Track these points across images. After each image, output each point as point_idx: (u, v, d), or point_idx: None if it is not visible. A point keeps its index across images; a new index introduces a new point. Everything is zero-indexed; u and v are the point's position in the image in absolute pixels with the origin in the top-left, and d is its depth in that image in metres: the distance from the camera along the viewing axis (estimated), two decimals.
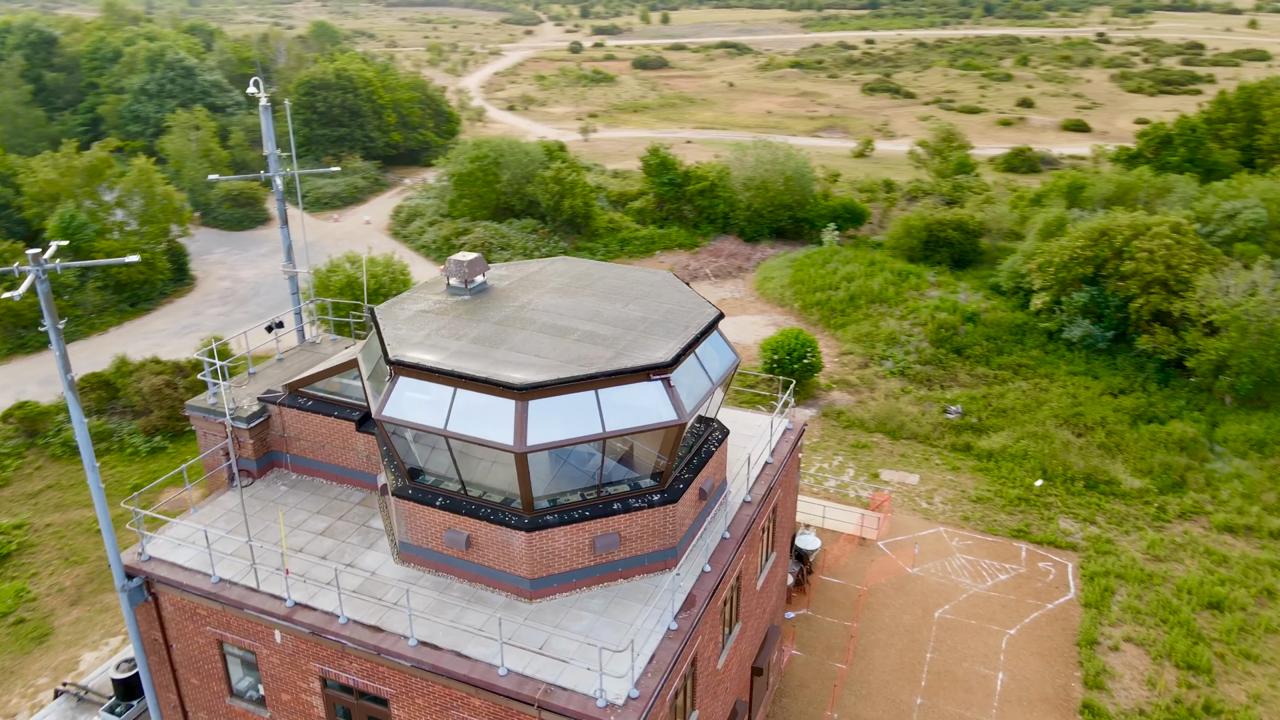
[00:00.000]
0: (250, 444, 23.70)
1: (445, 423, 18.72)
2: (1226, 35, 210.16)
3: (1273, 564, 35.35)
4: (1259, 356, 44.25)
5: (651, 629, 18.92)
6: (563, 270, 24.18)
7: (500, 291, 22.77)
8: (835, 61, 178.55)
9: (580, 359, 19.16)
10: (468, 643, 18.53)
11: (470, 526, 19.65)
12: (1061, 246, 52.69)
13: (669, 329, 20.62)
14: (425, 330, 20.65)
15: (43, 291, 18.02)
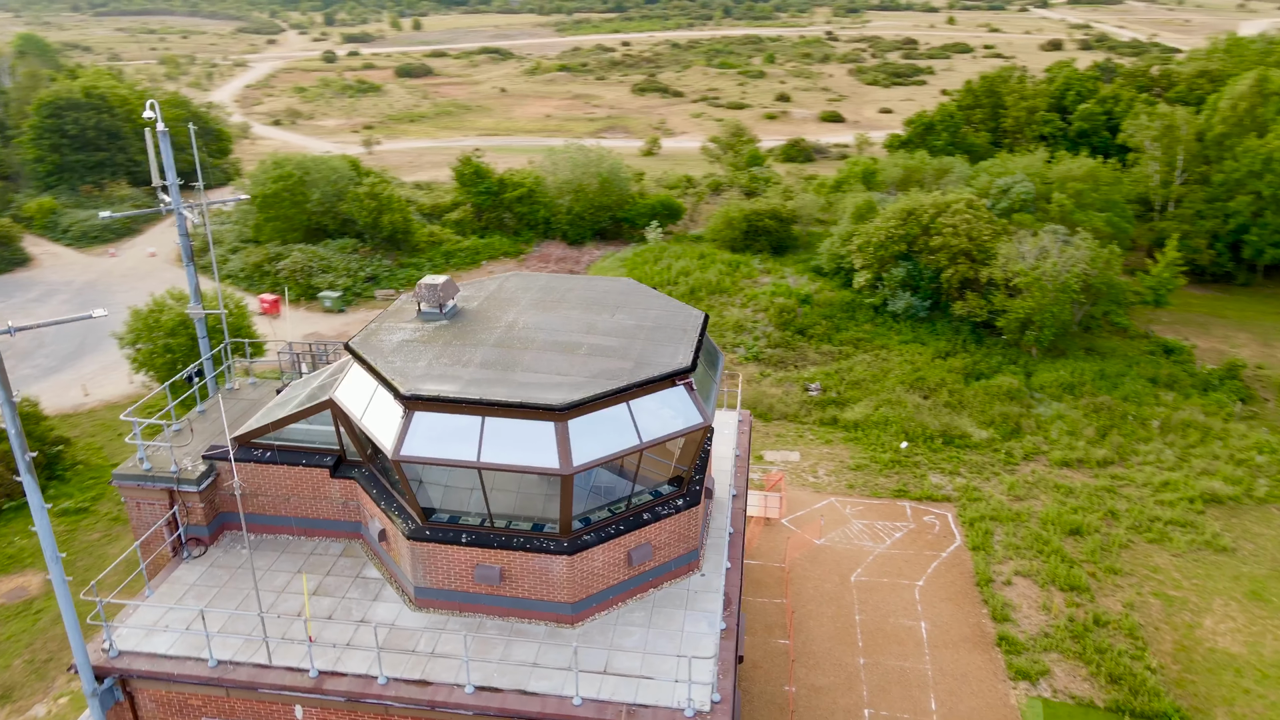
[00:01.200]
0: (200, 508, 21.25)
1: (477, 454, 17.85)
2: (932, 31, 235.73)
3: (1108, 489, 40.78)
4: (1057, 311, 50.64)
5: (703, 631, 19.09)
6: (525, 285, 23.57)
7: (476, 313, 21.87)
8: (599, 64, 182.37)
9: (604, 373, 18.92)
10: (528, 679, 17.83)
11: (503, 559, 18.87)
12: (876, 227, 57.40)
13: (669, 333, 20.78)
14: (422, 361, 19.51)
15: None
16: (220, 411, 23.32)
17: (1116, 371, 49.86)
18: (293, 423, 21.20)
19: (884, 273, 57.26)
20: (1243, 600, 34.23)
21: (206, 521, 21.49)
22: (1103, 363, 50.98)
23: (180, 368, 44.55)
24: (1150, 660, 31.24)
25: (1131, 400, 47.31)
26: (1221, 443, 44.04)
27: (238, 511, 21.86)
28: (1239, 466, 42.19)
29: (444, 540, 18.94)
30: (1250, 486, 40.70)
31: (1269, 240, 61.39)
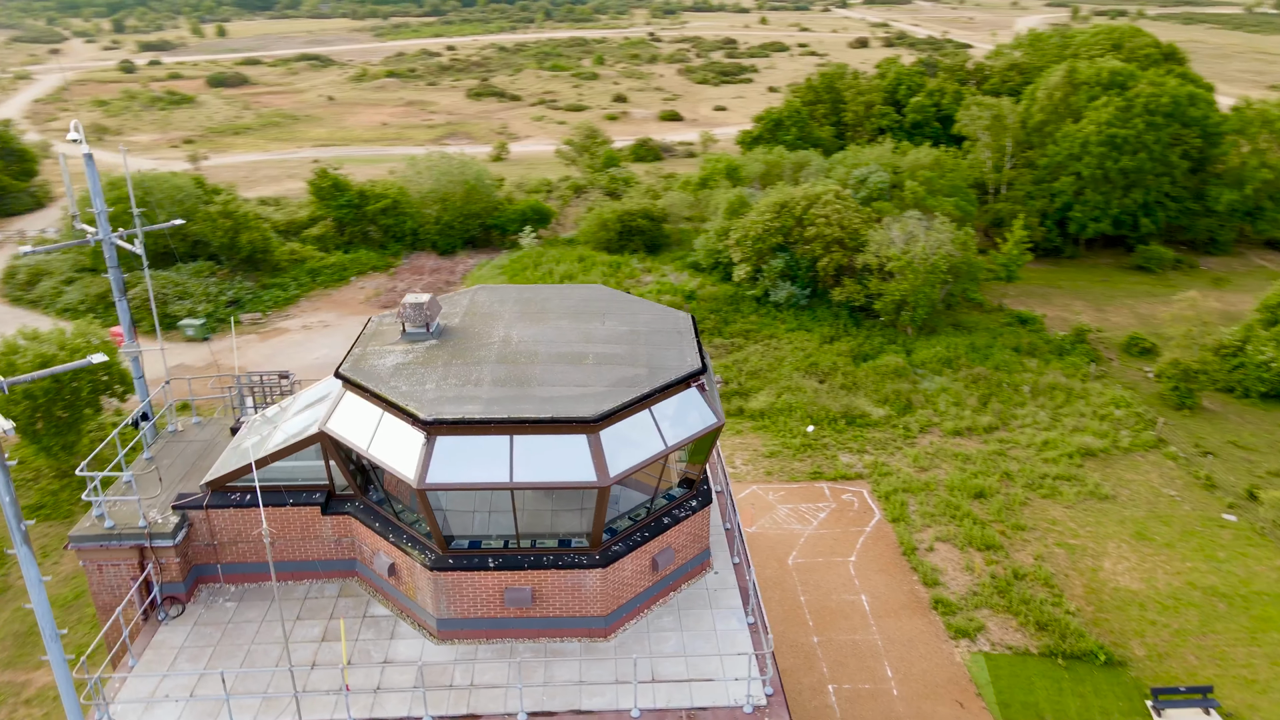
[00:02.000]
0: (176, 564, 19.48)
1: (509, 474, 17.36)
2: (748, 31, 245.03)
3: (999, 453, 44.06)
4: (929, 292, 54.12)
5: (734, 628, 19.37)
6: (500, 298, 22.97)
7: (463, 330, 21.14)
8: (428, 69, 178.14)
9: (624, 381, 18.80)
10: (580, 698, 17.53)
11: (534, 579, 18.42)
12: (752, 221, 59.33)
13: (667, 336, 20.87)
14: (429, 383, 18.70)
15: None
16: (181, 457, 21.42)
17: (985, 344, 53.86)
18: (277, 460, 19.77)
19: (763, 265, 59.25)
20: (1131, 541, 37.93)
21: (182, 577, 19.72)
22: (971, 336, 54.95)
23: (41, 416, 40.34)
24: (1068, 605, 34.09)
25: (1002, 369, 51.26)
26: (1084, 401, 48.50)
27: (214, 563, 20.19)
28: (1102, 421, 46.61)
29: (470, 567, 18.27)
30: (1115, 439, 45.06)
31: (1090, 216, 67.93)
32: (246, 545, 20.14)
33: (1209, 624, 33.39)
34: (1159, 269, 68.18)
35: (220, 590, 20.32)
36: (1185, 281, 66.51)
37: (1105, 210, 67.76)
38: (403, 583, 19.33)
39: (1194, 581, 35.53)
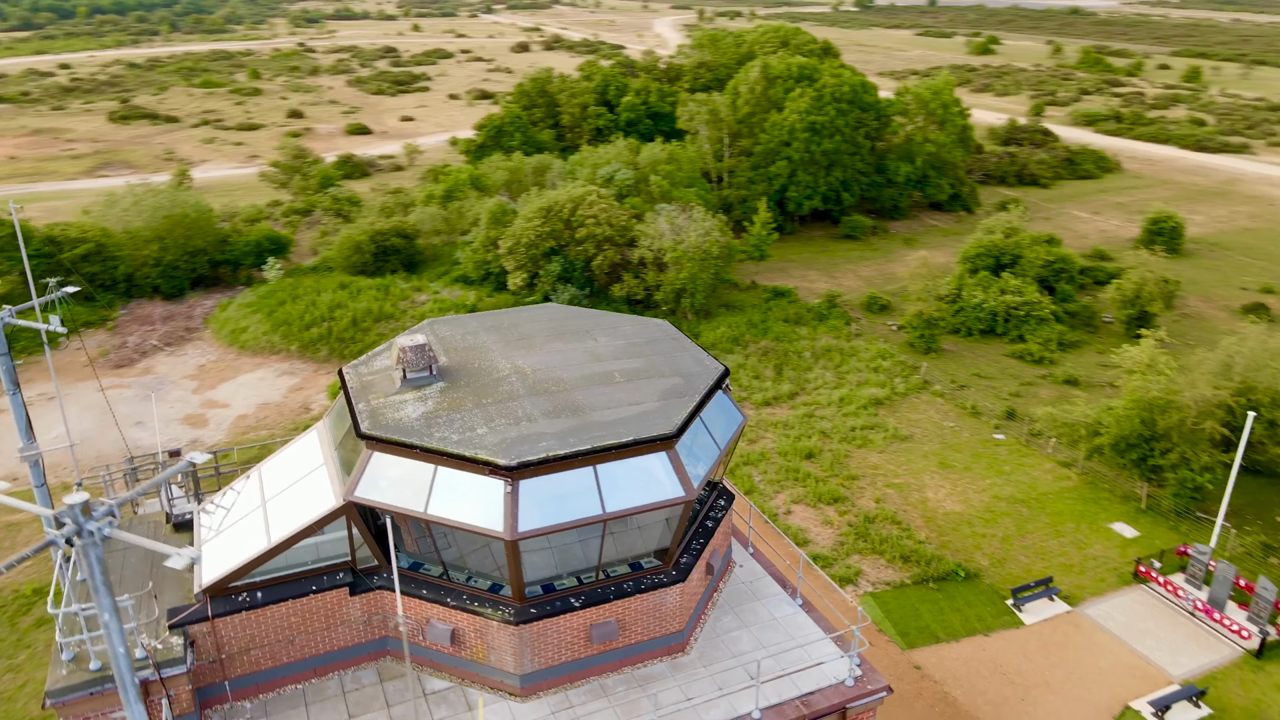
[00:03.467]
0: (188, 691, 16.32)
1: (601, 506, 16.75)
2: (404, 39, 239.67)
3: (808, 415, 48.33)
4: (705, 278, 57.61)
5: (790, 614, 20.15)
6: (466, 328, 21.53)
7: (462, 367, 19.62)
8: (46, 91, 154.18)
9: (670, 392, 18.71)
10: (703, 716, 17.38)
11: (619, 609, 17.86)
12: (522, 228, 59.23)
13: (669, 345, 20.97)
14: (479, 428, 17.30)
15: None
16: (128, 568, 17.77)
17: (760, 319, 58.48)
18: (291, 546, 17.16)
19: (539, 270, 59.43)
20: (939, 471, 43.65)
21: (194, 706, 16.52)
22: (745, 315, 59.35)
23: None
24: (916, 536, 38.63)
25: (783, 339, 56.06)
26: (855, 358, 54.54)
27: (220, 680, 17.14)
28: (876, 373, 52.79)
29: (555, 613, 17.28)
30: (893, 386, 51.30)
31: (804, 195, 75.85)
32: (260, 651, 17.23)
33: (1023, 527, 39.54)
34: (862, 236, 77.86)
35: (235, 711, 17.21)
36: (884, 245, 76.70)
37: (815, 189, 76.03)
38: (468, 648, 17.70)
39: (997, 495, 41.79)
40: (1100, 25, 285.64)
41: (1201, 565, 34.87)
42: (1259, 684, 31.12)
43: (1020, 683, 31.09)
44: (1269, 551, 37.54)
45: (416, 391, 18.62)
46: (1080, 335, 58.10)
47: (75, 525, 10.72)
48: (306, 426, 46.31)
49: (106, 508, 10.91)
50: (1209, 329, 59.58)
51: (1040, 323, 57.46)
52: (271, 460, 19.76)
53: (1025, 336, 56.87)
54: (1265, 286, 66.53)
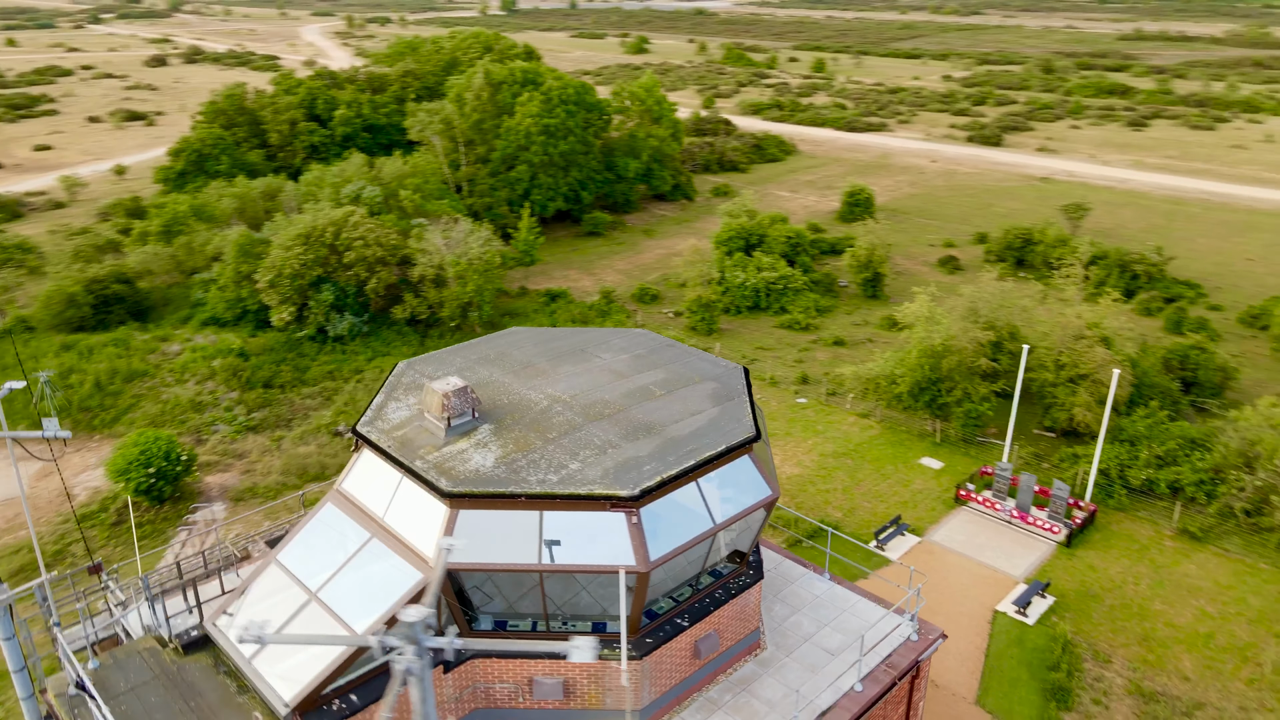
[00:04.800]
0: None
1: (711, 519, 16.71)
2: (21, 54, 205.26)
3: None
4: (489, 289, 56.58)
5: (827, 588, 21.24)
6: (460, 364, 19.93)
7: (497, 404, 18.24)
8: None
9: (716, 396, 18.86)
10: (818, 699, 17.94)
11: (718, 620, 17.86)
12: (282, 258, 54.29)
13: (675, 352, 21.02)
14: (572, 463, 16.36)
15: None
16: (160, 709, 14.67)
17: (551, 323, 58.57)
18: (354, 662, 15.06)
19: (308, 301, 54.88)
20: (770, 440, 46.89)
21: None
22: (533, 320, 59.14)
23: None
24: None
25: None
26: None
27: None
28: None
29: (667, 638, 16.89)
30: None
31: (547, 197, 76.72)
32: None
33: (854, 477, 43.82)
34: (605, 232, 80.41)
35: None
36: (627, 238, 79.86)
37: (557, 190, 77.20)
38: (580, 696, 16.65)
39: (823, 452, 45.87)
40: (725, 24, 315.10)
41: (1005, 480, 41.00)
42: (1077, 567, 37.43)
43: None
44: (1039, 459, 44.96)
45: (467, 438, 17.05)
46: (828, 301, 64.86)
47: (416, 646, 8.91)
48: (86, 516, 39.39)
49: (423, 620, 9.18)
50: (920, 282, 69.16)
51: (797, 294, 63.33)
52: (289, 548, 16.96)
53: (787, 308, 62.38)
54: (946, 242, 78.32)
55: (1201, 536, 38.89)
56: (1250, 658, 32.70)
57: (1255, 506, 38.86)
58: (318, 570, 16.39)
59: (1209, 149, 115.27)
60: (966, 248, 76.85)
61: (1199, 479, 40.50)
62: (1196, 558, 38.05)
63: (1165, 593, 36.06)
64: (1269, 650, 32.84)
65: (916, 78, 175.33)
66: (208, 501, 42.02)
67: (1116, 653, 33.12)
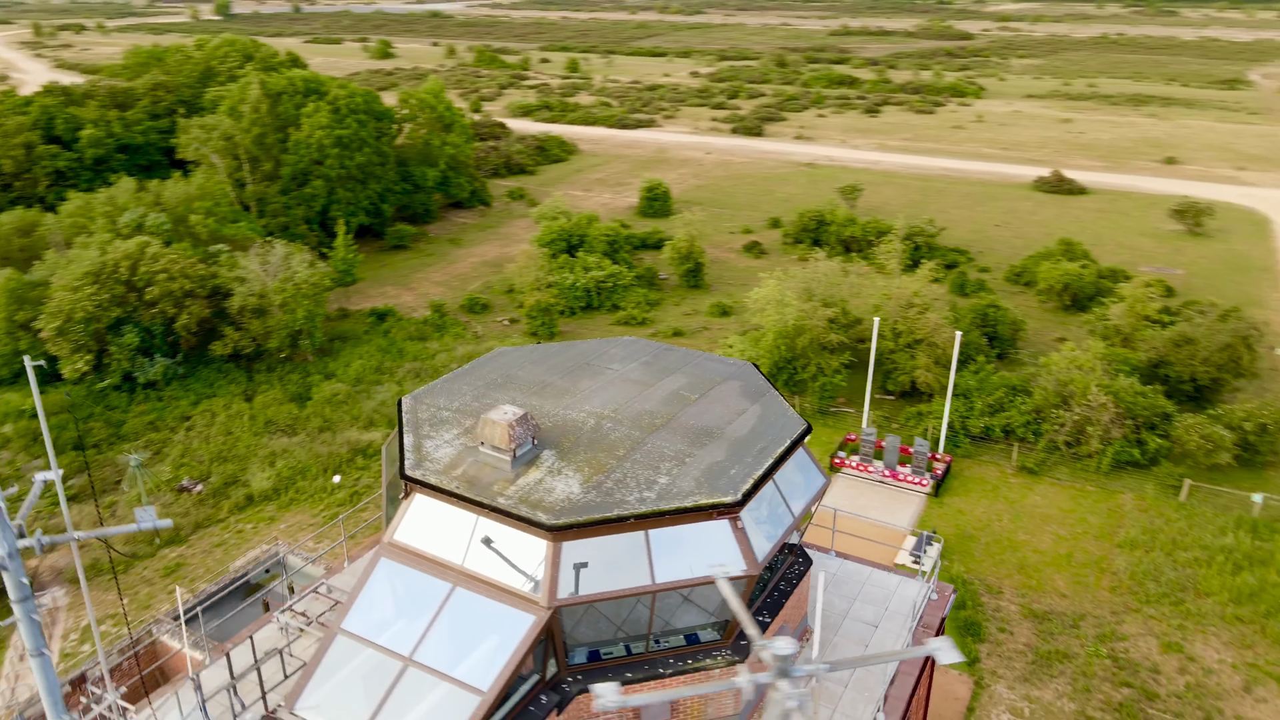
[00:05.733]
0: None
1: (791, 513, 17.08)
2: None
3: None
4: (320, 314, 52.95)
5: (840, 564, 22.24)
6: (470, 392, 18.81)
7: (546, 432, 17.43)
8: None
9: (748, 393, 19.14)
10: (887, 669, 18.78)
11: (786, 613, 18.27)
12: (71, 301, 47.78)
13: (678, 357, 21.09)
14: (661, 479, 16.05)
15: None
16: None
17: (388, 344, 55.73)
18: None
19: (107, 346, 48.73)
20: None
21: None
22: (366, 343, 55.94)
23: None
24: None
25: (422, 358, 54.36)
26: None
27: None
28: None
29: None
30: None
31: (348, 212, 72.67)
32: None
33: None
34: (411, 244, 77.46)
35: None
36: (435, 249, 77.42)
37: (358, 204, 73.33)
38: (684, 711, 16.34)
39: None
40: (465, 27, 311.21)
41: (870, 444, 44.28)
42: (948, 513, 41.27)
43: None
44: (889, 420, 48.91)
45: (536, 467, 16.13)
46: (656, 294, 66.50)
47: (789, 679, 8.49)
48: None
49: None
50: (732, 268, 72.65)
51: (626, 290, 64.41)
52: (353, 615, 15.18)
53: (620, 304, 63.30)
54: (744, 228, 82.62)
55: (1037, 470, 44.13)
56: (1106, 569, 37.68)
57: (1074, 438, 44.63)
58: (401, 633, 14.90)
59: (935, 130, 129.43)
60: (763, 232, 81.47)
61: (1025, 420, 45.89)
62: (1038, 489, 43.17)
63: (1024, 524, 40.64)
64: (1118, 560, 38.00)
65: (667, 75, 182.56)
66: (41, 589, 36.41)
67: (1003, 583, 36.96)
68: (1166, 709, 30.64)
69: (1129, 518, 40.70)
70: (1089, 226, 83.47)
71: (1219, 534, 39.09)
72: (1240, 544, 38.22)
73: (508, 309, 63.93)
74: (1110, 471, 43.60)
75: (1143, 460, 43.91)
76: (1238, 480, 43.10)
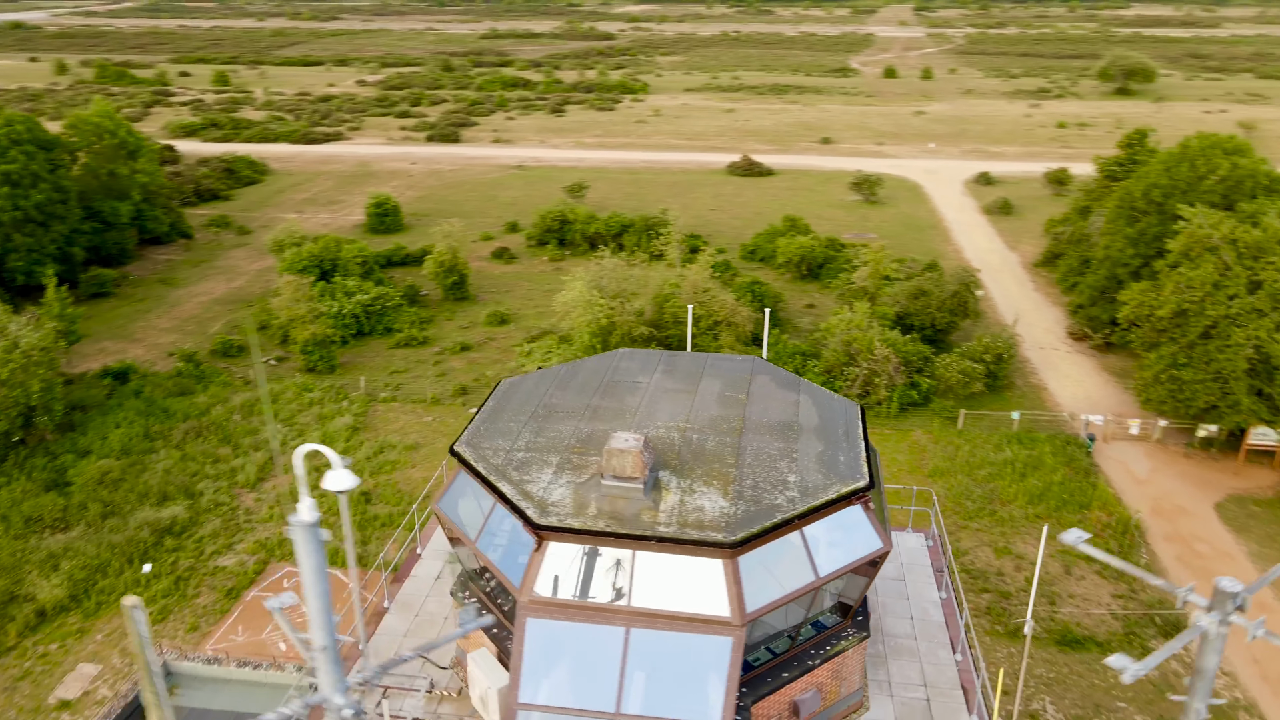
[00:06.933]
0: None
1: (872, 479, 18.18)
2: None
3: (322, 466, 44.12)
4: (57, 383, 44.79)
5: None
6: (528, 408, 17.58)
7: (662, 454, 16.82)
8: None
9: (787, 383, 19.84)
10: (935, 612, 20.47)
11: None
12: None
13: (698, 362, 21.16)
14: (789, 477, 16.32)
15: None
16: None
17: (147, 406, 48.42)
18: None
19: None
20: None
21: None
22: (116, 411, 48.21)
23: None
24: None
25: (193, 415, 47.98)
26: (281, 403, 50.45)
27: None
28: (317, 406, 50.11)
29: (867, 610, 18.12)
30: (349, 410, 49.76)
31: (31, 261, 61.47)
32: None
33: None
34: (115, 289, 67.42)
35: None
36: (146, 292, 68.07)
37: (43, 251, 62.37)
38: (827, 693, 16.73)
39: None
40: (63, 38, 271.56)
41: None
42: None
43: None
44: None
45: (667, 491, 15.50)
46: (426, 312, 63.89)
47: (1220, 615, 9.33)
48: None
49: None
50: (489, 276, 71.72)
51: (396, 310, 61.29)
52: (526, 687, 13.58)
53: (392, 327, 60.12)
54: (484, 235, 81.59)
55: None
56: (926, 499, 43.02)
57: (864, 390, 50.14)
58: (592, 690, 13.72)
59: (622, 126, 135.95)
60: (504, 237, 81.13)
61: (821, 381, 50.70)
62: None
63: None
64: (974, 492, 43.09)
65: (332, 84, 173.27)
66: None
67: None
68: (1021, 603, 35.93)
69: (928, 451, 46.66)
70: (787, 203, 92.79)
71: (997, 450, 46.15)
72: (1017, 455, 45.46)
73: (268, 348, 58.10)
74: (899, 414, 49.59)
75: (919, 399, 50.42)
76: (990, 404, 51.05)
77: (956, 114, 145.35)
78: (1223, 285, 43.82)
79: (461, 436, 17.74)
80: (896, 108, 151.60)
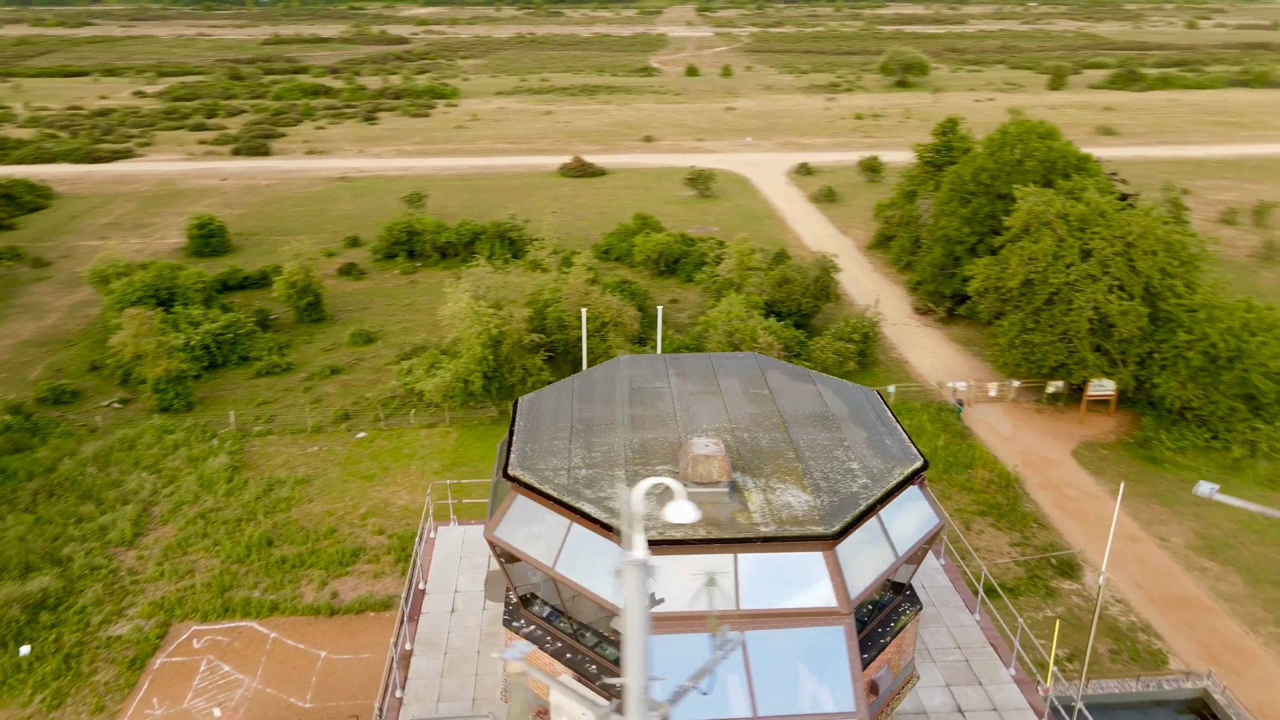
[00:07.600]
0: None
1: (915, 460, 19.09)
2: None
3: (197, 525, 40.55)
4: None
5: None
6: (583, 419, 17.12)
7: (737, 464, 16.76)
8: None
9: (803, 378, 20.38)
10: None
11: None
12: None
13: (705, 357, 21.32)
14: (851, 465, 16.84)
15: None
16: None
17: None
18: None
19: None
20: (366, 482, 43.70)
21: None
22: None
23: None
24: None
25: (55, 470, 42.80)
26: (140, 448, 45.92)
27: None
28: (183, 447, 46.04)
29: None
30: (223, 449, 46.01)
31: None
32: None
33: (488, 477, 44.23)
34: None
35: None
36: None
37: None
38: (893, 668, 17.40)
39: (435, 471, 44.77)
40: None
41: None
42: None
43: None
44: None
45: (749, 492, 15.55)
46: (281, 336, 59.92)
47: None
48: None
49: None
50: (341, 293, 68.24)
51: (250, 337, 57.18)
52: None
53: (249, 356, 56.07)
54: (326, 251, 77.23)
55: None
56: None
57: None
58: (724, 698, 13.61)
59: (441, 132, 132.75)
60: (347, 253, 77.48)
61: None
62: None
63: None
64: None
65: (104, 96, 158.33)
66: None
67: None
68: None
69: None
70: (626, 202, 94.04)
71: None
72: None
73: (105, 390, 52.60)
74: None
75: None
76: (864, 379, 54.13)
77: (762, 109, 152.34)
78: (1060, 255, 48.71)
79: (510, 460, 16.95)
80: (706, 105, 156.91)
